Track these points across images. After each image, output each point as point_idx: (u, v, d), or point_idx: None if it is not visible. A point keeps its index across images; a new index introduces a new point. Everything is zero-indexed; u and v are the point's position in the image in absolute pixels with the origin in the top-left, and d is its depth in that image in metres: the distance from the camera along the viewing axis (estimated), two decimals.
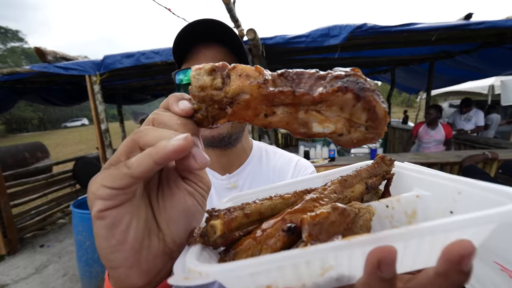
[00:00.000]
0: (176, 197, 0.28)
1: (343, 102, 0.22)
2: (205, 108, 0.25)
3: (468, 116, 4.76)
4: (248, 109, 0.24)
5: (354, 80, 0.22)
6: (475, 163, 2.48)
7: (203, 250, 0.25)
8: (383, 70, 6.38)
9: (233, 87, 0.24)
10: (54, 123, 33.91)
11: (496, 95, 6.60)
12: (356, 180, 0.30)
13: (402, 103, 35.43)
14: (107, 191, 0.23)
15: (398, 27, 2.40)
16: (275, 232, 0.24)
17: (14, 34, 34.70)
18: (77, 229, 2.44)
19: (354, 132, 0.23)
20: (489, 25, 2.40)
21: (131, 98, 6.49)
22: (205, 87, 0.24)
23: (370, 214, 0.25)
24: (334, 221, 0.22)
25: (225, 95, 0.24)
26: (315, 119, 0.24)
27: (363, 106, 0.22)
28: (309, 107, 0.23)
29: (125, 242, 0.24)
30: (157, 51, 2.69)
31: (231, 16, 2.21)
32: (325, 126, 0.23)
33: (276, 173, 0.71)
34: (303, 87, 0.23)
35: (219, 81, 0.24)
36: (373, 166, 0.32)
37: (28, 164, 5.87)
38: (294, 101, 0.23)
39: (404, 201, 0.28)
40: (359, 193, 0.30)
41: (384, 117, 0.22)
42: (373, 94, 0.22)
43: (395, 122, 8.49)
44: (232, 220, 0.25)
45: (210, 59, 0.55)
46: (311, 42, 2.47)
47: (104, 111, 3.03)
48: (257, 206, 0.28)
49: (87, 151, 10.12)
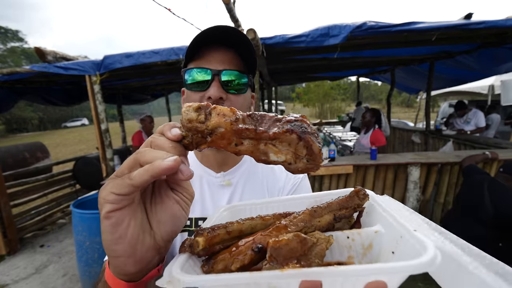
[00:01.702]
0: (166, 204, 0.35)
1: (290, 140, 0.30)
2: (191, 136, 0.33)
3: (467, 118, 4.75)
4: (223, 139, 0.32)
5: (299, 125, 0.30)
6: (475, 163, 2.48)
7: (189, 258, 0.33)
8: (383, 70, 6.38)
9: (213, 122, 0.31)
10: (54, 123, 33.90)
11: (496, 95, 6.59)
12: (325, 212, 0.35)
13: (402, 103, 35.42)
14: (114, 197, 0.30)
15: (398, 26, 2.40)
16: (246, 250, 0.30)
17: (14, 34, 34.68)
18: (77, 229, 2.43)
19: (299, 162, 0.31)
20: (489, 24, 2.40)
21: (131, 98, 6.49)
22: (192, 120, 0.32)
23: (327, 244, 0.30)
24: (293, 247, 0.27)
25: (206, 127, 0.32)
26: (271, 151, 0.31)
27: (303, 144, 0.30)
28: (267, 141, 0.31)
29: (125, 237, 0.31)
30: (157, 51, 2.69)
31: (231, 16, 2.21)
32: (278, 156, 0.31)
33: (270, 175, 0.74)
34: (264, 126, 0.31)
35: (202, 117, 0.32)
36: (346, 199, 0.36)
37: (28, 164, 5.87)
38: (256, 136, 0.31)
39: (364, 235, 0.33)
40: (326, 223, 0.34)
41: (318, 152, 0.30)
42: (312, 136, 0.30)
43: (395, 122, 8.49)
44: (214, 237, 0.33)
45: (218, 61, 0.59)
46: (311, 41, 2.47)
47: (104, 111, 3.03)
48: (239, 225, 0.35)
49: (87, 151, 10.12)
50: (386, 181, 2.96)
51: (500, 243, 1.98)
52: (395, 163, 2.87)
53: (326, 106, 29.56)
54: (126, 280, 0.35)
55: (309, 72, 6.28)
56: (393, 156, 3.12)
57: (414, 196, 2.75)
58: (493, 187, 2.06)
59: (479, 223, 2.05)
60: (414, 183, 2.76)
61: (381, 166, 2.91)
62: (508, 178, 2.09)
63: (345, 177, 2.98)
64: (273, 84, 7.90)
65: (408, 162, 2.78)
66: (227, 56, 0.61)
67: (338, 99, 31.87)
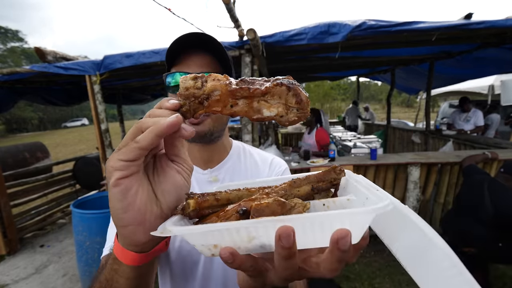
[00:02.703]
0: (168, 174, 0.36)
1: (281, 92, 0.33)
2: (188, 104, 0.34)
3: (467, 117, 4.75)
4: (219, 102, 0.34)
5: (287, 79, 0.33)
6: (475, 163, 2.48)
7: (181, 219, 0.35)
8: (383, 70, 6.38)
9: (209, 86, 0.34)
10: (54, 123, 33.90)
11: (496, 95, 6.59)
12: (304, 183, 0.38)
13: (402, 103, 35.42)
14: (122, 163, 0.31)
15: (398, 26, 2.40)
16: (232, 212, 0.32)
17: (14, 34, 34.65)
18: (77, 229, 2.43)
19: (290, 113, 0.34)
20: (489, 24, 2.40)
21: (131, 98, 6.49)
22: (189, 88, 0.34)
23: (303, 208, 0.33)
24: (273, 209, 0.30)
25: (203, 92, 0.34)
26: (264, 107, 0.34)
27: (292, 94, 0.33)
28: (260, 98, 0.33)
29: (134, 204, 0.32)
30: (157, 51, 2.69)
31: (231, 16, 2.20)
32: (271, 110, 0.33)
33: (254, 169, 0.79)
34: (255, 86, 0.33)
35: (199, 83, 0.34)
36: (323, 173, 0.40)
37: (28, 164, 5.87)
38: (250, 94, 0.33)
39: (338, 203, 0.37)
40: (305, 192, 0.38)
41: (306, 100, 0.33)
42: (299, 87, 0.33)
43: (395, 122, 8.49)
44: (204, 201, 0.35)
45: (197, 64, 0.64)
46: (312, 38, 2.45)
47: (104, 111, 3.03)
48: (227, 194, 0.38)
49: (87, 151, 10.13)
50: (386, 181, 2.96)
51: (500, 243, 1.98)
52: (395, 163, 2.87)
53: (326, 106, 29.55)
54: (136, 251, 0.36)
55: (309, 72, 6.27)
56: (393, 156, 3.12)
57: (414, 196, 2.75)
58: (493, 187, 2.06)
59: (479, 223, 2.05)
60: (414, 183, 2.76)
61: (381, 166, 2.91)
62: (508, 178, 2.09)
63: None
64: None
65: (408, 162, 2.78)
66: (205, 60, 0.65)
67: (338, 99, 31.88)
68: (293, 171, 2.96)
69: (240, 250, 0.29)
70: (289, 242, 0.25)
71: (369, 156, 3.00)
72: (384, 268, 2.70)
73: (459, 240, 2.20)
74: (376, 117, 9.12)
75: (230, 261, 0.28)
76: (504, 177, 2.11)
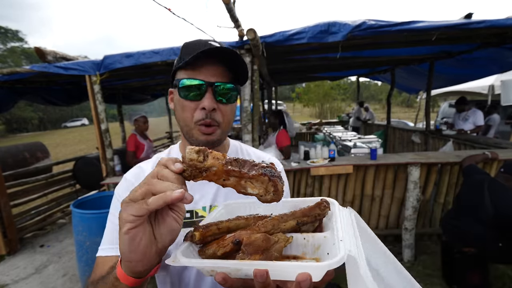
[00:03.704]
0: (166, 221, 0.43)
1: (263, 180, 0.41)
2: (190, 170, 0.41)
3: (466, 116, 4.75)
4: (215, 175, 0.41)
5: (270, 170, 0.41)
6: (475, 163, 2.48)
7: (189, 246, 0.45)
8: (383, 70, 6.38)
9: (209, 163, 0.41)
10: (54, 123, 33.87)
11: (496, 95, 6.58)
12: (290, 218, 0.45)
13: (402, 103, 35.39)
14: (132, 218, 0.38)
15: (398, 26, 2.39)
16: (228, 242, 0.42)
17: (14, 34, 34.58)
18: (77, 229, 2.43)
19: (267, 195, 0.42)
20: (489, 24, 2.39)
21: (131, 98, 6.48)
22: (193, 160, 0.40)
23: (286, 242, 0.41)
24: (259, 244, 0.38)
25: (203, 166, 0.41)
26: (249, 186, 0.42)
27: (272, 184, 0.41)
28: (247, 180, 0.42)
29: (138, 248, 0.40)
30: (157, 51, 2.68)
31: (231, 16, 2.20)
32: (253, 190, 0.42)
33: None
34: (245, 169, 0.41)
35: (201, 158, 0.41)
36: (308, 209, 0.46)
37: (28, 164, 5.87)
38: (240, 175, 0.41)
39: (316, 238, 0.43)
40: (290, 227, 0.45)
41: (281, 189, 0.42)
42: (278, 178, 0.41)
43: (395, 122, 8.49)
44: (207, 231, 0.45)
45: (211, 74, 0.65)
46: (312, 37, 2.44)
47: (104, 111, 3.03)
48: (227, 223, 0.46)
49: (87, 151, 10.12)
50: (386, 181, 2.96)
51: (500, 243, 1.98)
52: (395, 163, 2.86)
53: (326, 106, 29.53)
54: (135, 276, 0.44)
55: (309, 72, 6.27)
56: (393, 156, 3.12)
57: (414, 196, 2.75)
58: (493, 187, 2.06)
59: (479, 223, 2.05)
60: (414, 183, 2.76)
61: (381, 166, 2.91)
62: (509, 178, 2.09)
63: (345, 177, 2.98)
64: (273, 84, 7.90)
65: (408, 162, 2.78)
66: (220, 69, 0.65)
67: (338, 99, 31.84)
68: (293, 171, 2.96)
69: (230, 275, 0.37)
70: (262, 279, 0.34)
71: (369, 156, 3.00)
72: None
73: (459, 240, 2.20)
74: (376, 117, 9.12)
75: (223, 283, 0.37)
76: (504, 177, 2.11)
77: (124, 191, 0.73)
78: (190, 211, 0.73)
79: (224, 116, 0.67)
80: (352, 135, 5.07)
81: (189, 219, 0.72)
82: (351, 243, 0.36)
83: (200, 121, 0.65)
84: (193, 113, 0.66)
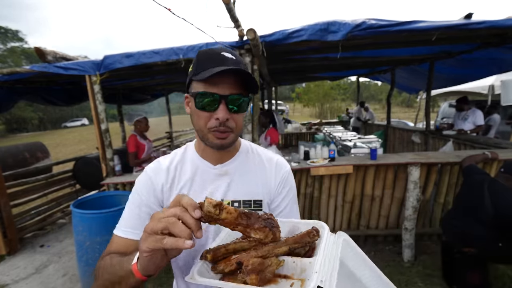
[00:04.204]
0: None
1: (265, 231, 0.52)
2: (207, 217, 0.49)
3: (465, 116, 4.74)
4: (227, 224, 0.51)
5: (270, 222, 0.53)
6: (475, 163, 2.48)
7: (203, 263, 0.55)
8: (383, 70, 6.38)
9: (223, 215, 0.50)
10: (54, 123, 33.84)
11: (496, 95, 6.57)
12: (284, 245, 0.53)
13: (402, 103, 35.39)
14: (149, 250, 0.48)
15: (398, 26, 2.39)
16: (233, 262, 0.51)
17: (14, 34, 34.51)
18: (77, 229, 2.43)
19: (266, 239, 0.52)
20: (489, 24, 2.39)
21: (131, 98, 6.48)
22: (210, 212, 0.48)
23: (277, 266, 0.50)
24: (255, 267, 0.47)
25: (218, 216, 0.49)
26: (253, 233, 0.52)
27: (271, 233, 0.52)
28: (251, 228, 0.52)
29: (153, 264, 0.52)
30: (157, 51, 2.68)
31: (231, 16, 2.20)
32: (256, 235, 0.52)
33: (261, 168, 0.87)
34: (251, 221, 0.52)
35: (217, 211, 0.49)
36: (300, 237, 0.54)
37: (28, 164, 5.87)
38: (247, 226, 0.52)
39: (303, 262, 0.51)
40: (283, 251, 0.53)
41: (278, 236, 0.53)
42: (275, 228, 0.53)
43: (395, 122, 8.48)
44: (217, 253, 0.55)
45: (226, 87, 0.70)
46: (312, 34, 2.43)
47: (104, 111, 3.03)
48: (234, 245, 0.56)
49: (87, 151, 10.12)
50: (386, 181, 2.96)
51: (500, 243, 1.98)
52: (395, 163, 2.86)
53: (326, 106, 29.54)
54: (147, 276, 0.55)
55: (309, 72, 6.27)
56: (393, 156, 3.12)
57: (414, 196, 2.75)
58: (493, 187, 2.05)
59: (479, 223, 2.05)
60: (414, 183, 2.76)
61: (381, 166, 2.91)
62: (509, 178, 2.09)
63: (345, 177, 2.98)
64: (273, 84, 7.90)
65: (408, 162, 2.78)
66: (232, 82, 0.71)
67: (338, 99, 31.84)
68: (293, 171, 2.95)
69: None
70: None
71: (369, 156, 3.00)
72: (383, 268, 2.69)
73: (459, 240, 2.20)
74: (376, 117, 9.13)
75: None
76: (504, 177, 2.11)
77: (143, 184, 0.81)
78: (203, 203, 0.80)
79: (236, 122, 0.74)
80: (352, 135, 5.06)
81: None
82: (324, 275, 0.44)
83: (213, 128, 0.71)
84: (208, 121, 0.72)
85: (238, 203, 0.81)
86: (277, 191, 0.85)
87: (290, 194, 0.87)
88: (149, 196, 0.79)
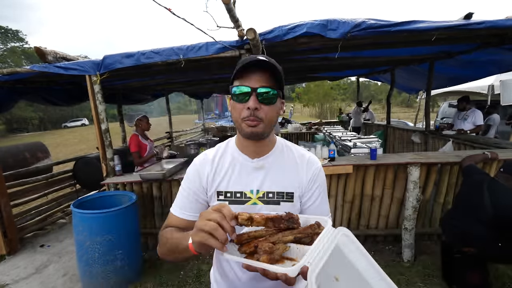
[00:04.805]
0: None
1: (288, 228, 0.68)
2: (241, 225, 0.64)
3: (465, 115, 4.74)
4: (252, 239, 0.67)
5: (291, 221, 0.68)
6: (474, 163, 2.48)
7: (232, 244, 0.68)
8: (383, 70, 6.38)
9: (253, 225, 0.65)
10: (54, 123, 33.85)
11: (496, 95, 6.57)
12: (290, 234, 0.66)
13: (402, 103, 35.39)
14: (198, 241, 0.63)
15: (397, 26, 2.39)
16: (252, 245, 0.64)
17: (14, 34, 34.51)
18: (77, 229, 2.43)
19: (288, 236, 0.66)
20: (489, 24, 2.39)
21: (131, 98, 6.47)
22: (243, 223, 0.63)
23: (283, 250, 0.63)
24: (267, 249, 0.60)
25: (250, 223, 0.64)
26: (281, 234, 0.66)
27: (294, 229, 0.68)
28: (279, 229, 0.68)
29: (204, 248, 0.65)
30: (157, 51, 2.68)
31: (231, 16, 2.20)
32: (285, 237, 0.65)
33: (293, 164, 0.96)
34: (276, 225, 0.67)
35: (249, 222, 0.64)
36: (303, 229, 0.67)
37: (29, 164, 5.87)
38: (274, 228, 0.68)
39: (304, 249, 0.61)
40: (289, 240, 0.65)
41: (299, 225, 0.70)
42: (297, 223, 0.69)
43: (395, 122, 8.48)
44: (241, 237, 0.68)
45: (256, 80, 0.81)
46: (311, 27, 2.41)
47: (104, 111, 3.03)
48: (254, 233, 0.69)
49: (87, 151, 10.12)
50: (386, 181, 2.97)
51: (500, 243, 1.98)
52: (395, 163, 2.87)
53: (326, 106, 29.53)
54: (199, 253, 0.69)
55: (309, 72, 6.27)
56: (393, 156, 3.12)
57: (414, 196, 2.75)
58: (493, 187, 2.05)
59: (479, 223, 2.05)
60: (414, 183, 2.76)
61: (381, 166, 2.91)
62: (508, 178, 2.09)
63: (345, 177, 2.98)
64: None
65: (408, 162, 2.78)
66: (263, 76, 0.81)
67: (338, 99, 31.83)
68: None
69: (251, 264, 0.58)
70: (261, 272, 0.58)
71: (369, 156, 3.00)
72: (383, 268, 2.68)
73: (458, 240, 2.20)
74: (375, 117, 9.13)
75: (247, 268, 0.59)
76: (504, 177, 2.11)
77: (192, 174, 0.95)
78: (240, 192, 0.92)
79: (266, 114, 0.82)
80: (352, 135, 5.06)
81: (239, 198, 0.92)
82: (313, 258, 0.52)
83: (246, 118, 0.81)
84: (241, 112, 0.82)
85: (272, 194, 0.91)
86: (308, 186, 0.93)
87: (320, 189, 0.96)
88: (196, 184, 0.93)
